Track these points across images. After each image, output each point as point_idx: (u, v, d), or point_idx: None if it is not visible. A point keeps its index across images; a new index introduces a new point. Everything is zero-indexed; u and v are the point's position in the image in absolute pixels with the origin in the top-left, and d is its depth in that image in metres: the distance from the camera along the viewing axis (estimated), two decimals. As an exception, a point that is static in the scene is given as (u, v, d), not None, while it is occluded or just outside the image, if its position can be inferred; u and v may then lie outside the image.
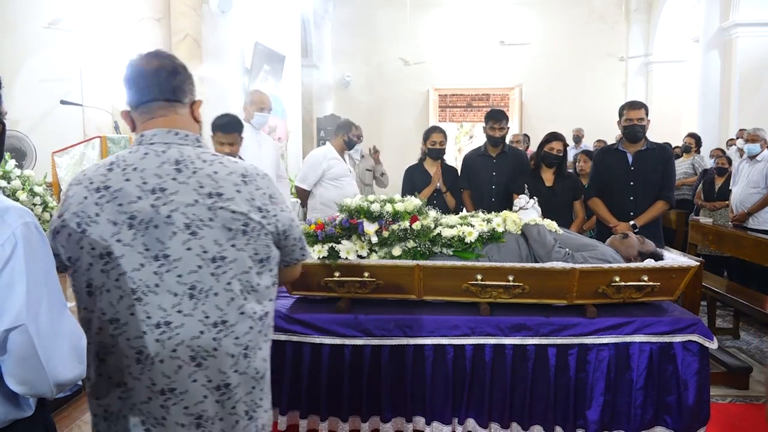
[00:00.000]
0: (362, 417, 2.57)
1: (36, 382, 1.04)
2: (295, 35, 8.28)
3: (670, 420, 2.54)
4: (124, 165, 1.30)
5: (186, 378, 1.28)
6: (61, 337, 1.07)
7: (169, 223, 1.26)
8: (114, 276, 1.26)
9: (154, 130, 1.35)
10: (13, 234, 1.03)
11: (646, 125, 3.73)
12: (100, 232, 1.26)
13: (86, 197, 1.28)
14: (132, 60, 1.40)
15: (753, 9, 7.98)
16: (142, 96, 1.35)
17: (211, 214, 1.29)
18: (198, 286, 1.28)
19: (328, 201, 4.52)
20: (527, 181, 3.85)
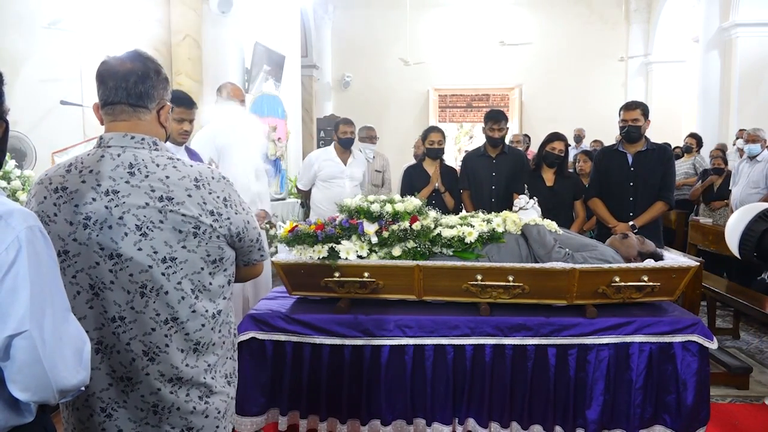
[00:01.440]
0: (362, 420, 2.57)
1: (39, 388, 1.03)
2: (295, 35, 8.27)
3: (669, 419, 2.54)
4: (81, 167, 1.35)
5: (140, 370, 1.35)
6: (65, 343, 1.07)
7: (122, 224, 1.32)
8: (71, 273, 1.32)
9: (111, 133, 1.38)
10: (17, 238, 1.02)
11: (644, 126, 3.73)
12: (57, 231, 1.31)
13: (46, 197, 1.33)
14: (108, 57, 1.43)
15: (753, 9, 7.97)
16: (108, 96, 1.39)
17: (162, 216, 1.34)
18: (148, 285, 1.33)
19: (319, 201, 4.61)
20: (528, 181, 3.85)
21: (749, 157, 5.45)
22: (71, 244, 1.32)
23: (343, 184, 4.58)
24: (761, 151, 5.35)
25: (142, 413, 1.37)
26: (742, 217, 1.55)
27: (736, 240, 1.55)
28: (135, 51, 1.46)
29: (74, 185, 1.33)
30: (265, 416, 2.63)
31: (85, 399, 1.37)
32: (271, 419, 2.65)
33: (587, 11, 12.03)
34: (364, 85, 12.22)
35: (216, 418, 1.47)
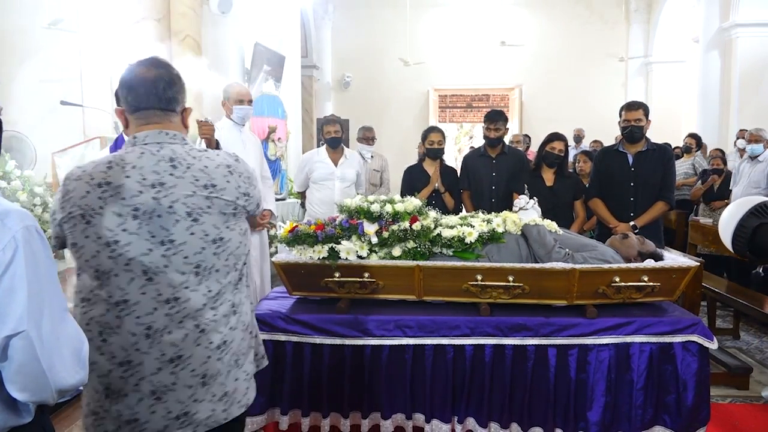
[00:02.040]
0: (363, 414, 2.58)
1: (37, 388, 1.03)
2: (295, 35, 8.27)
3: (669, 420, 2.54)
4: (123, 163, 1.43)
5: (192, 344, 1.44)
6: (63, 343, 1.07)
7: (172, 212, 1.42)
8: (123, 261, 1.39)
9: (146, 131, 1.49)
10: (13, 238, 1.02)
11: (646, 126, 3.73)
12: (105, 223, 1.38)
13: (89, 192, 1.40)
14: (132, 65, 1.52)
15: (753, 9, 7.97)
16: (140, 103, 1.49)
17: (209, 202, 1.48)
18: (203, 265, 1.46)
19: (312, 202, 4.59)
20: (528, 181, 3.85)
21: (750, 157, 5.45)
22: (121, 235, 1.39)
23: (333, 186, 4.50)
24: (763, 151, 5.35)
25: (190, 390, 1.45)
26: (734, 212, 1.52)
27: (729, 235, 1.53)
28: (155, 58, 1.56)
29: (118, 180, 1.41)
30: (265, 416, 2.63)
31: (134, 384, 1.40)
32: (271, 419, 2.65)
33: (587, 11, 12.04)
34: (364, 85, 12.23)
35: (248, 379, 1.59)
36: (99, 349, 1.40)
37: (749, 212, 1.49)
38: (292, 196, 6.54)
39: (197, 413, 1.45)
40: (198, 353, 1.45)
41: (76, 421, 2.90)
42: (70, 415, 2.95)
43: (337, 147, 4.59)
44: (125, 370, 1.40)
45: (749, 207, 1.50)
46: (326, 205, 4.44)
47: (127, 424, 1.41)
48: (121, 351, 1.40)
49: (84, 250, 1.40)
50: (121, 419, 1.41)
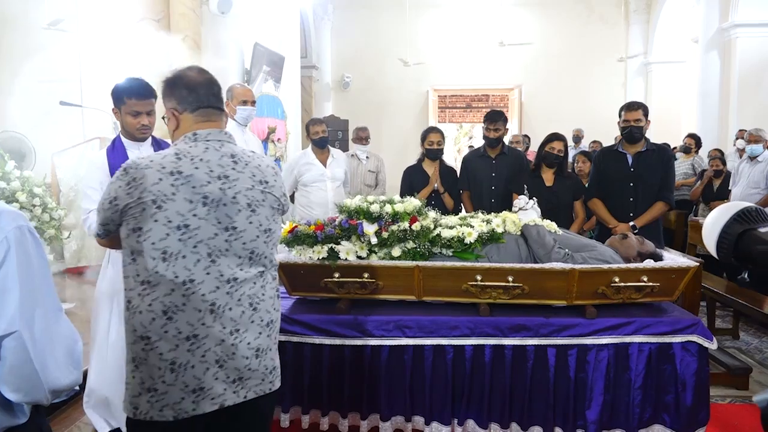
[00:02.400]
0: (362, 414, 2.59)
1: (31, 389, 1.04)
2: (295, 36, 8.28)
3: (668, 419, 2.55)
4: (190, 156, 1.58)
5: (247, 320, 1.61)
6: (56, 343, 1.07)
7: (235, 202, 1.60)
8: (192, 243, 1.53)
9: (208, 129, 1.65)
10: (5, 238, 1.02)
11: (645, 126, 3.73)
12: (177, 208, 1.52)
13: (161, 179, 1.52)
14: (182, 70, 1.70)
15: (752, 9, 7.98)
16: (201, 102, 1.66)
17: (263, 196, 1.68)
18: (256, 251, 1.64)
19: (302, 205, 4.52)
20: (527, 181, 3.85)
21: (750, 157, 5.45)
22: (191, 219, 1.53)
23: (325, 187, 4.46)
24: (762, 151, 5.36)
25: (246, 360, 1.61)
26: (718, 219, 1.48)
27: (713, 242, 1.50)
28: (196, 65, 1.75)
29: (189, 170, 1.55)
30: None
31: (202, 355, 1.53)
32: (271, 418, 2.65)
33: (587, 11, 12.04)
34: (364, 86, 12.23)
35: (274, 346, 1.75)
36: (163, 327, 1.50)
37: (732, 218, 1.46)
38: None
39: (250, 380, 1.63)
40: (252, 328, 1.63)
41: (76, 421, 2.90)
42: (70, 415, 2.95)
43: (325, 147, 4.55)
44: (192, 343, 1.53)
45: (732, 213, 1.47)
46: (322, 206, 4.42)
47: (193, 393, 1.54)
48: (187, 326, 1.52)
49: (151, 233, 1.50)
50: (187, 389, 1.53)
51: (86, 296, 3.95)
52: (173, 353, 1.52)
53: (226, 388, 1.58)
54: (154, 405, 1.52)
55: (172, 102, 1.67)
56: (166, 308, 1.51)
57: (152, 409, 1.52)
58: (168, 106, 1.68)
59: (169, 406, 1.52)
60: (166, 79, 1.69)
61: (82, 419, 2.89)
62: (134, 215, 1.51)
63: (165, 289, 1.51)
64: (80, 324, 3.42)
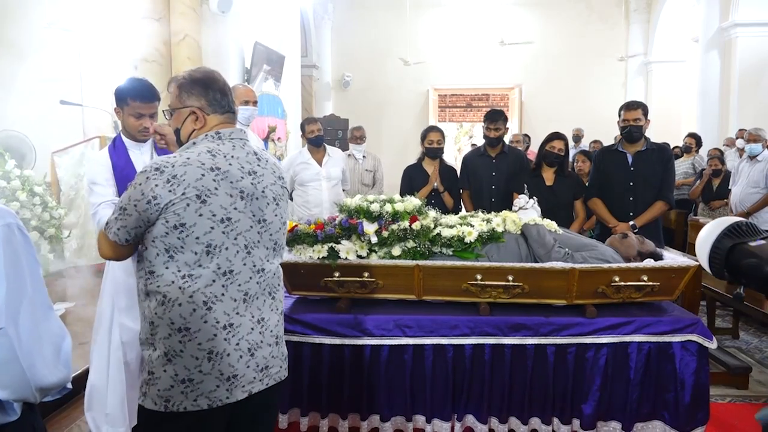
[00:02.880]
0: (362, 415, 2.59)
1: (17, 386, 1.03)
2: (295, 35, 8.27)
3: (668, 416, 2.55)
4: (223, 153, 1.64)
5: (268, 308, 1.71)
6: (44, 341, 1.06)
7: (264, 196, 1.69)
8: (233, 236, 1.60)
9: (230, 129, 1.71)
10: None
11: (645, 126, 3.73)
12: (220, 202, 1.58)
13: (203, 174, 1.57)
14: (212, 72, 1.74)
15: (753, 9, 7.98)
16: (228, 106, 1.73)
17: (283, 191, 1.78)
18: (278, 242, 1.75)
19: (299, 205, 4.52)
20: (528, 180, 3.85)
21: (749, 156, 5.45)
22: (233, 213, 1.60)
23: (320, 186, 4.45)
24: (762, 150, 5.36)
25: (270, 348, 1.70)
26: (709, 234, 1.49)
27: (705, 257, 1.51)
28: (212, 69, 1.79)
29: (225, 166, 1.61)
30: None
31: (236, 343, 1.59)
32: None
33: (587, 11, 12.04)
34: (364, 85, 12.23)
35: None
36: (203, 318, 1.55)
37: (723, 233, 1.47)
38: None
39: (272, 367, 1.71)
40: (272, 317, 1.72)
41: (76, 420, 2.90)
42: (69, 415, 2.95)
43: (320, 146, 4.54)
44: (228, 332, 1.58)
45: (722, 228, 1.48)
46: (317, 206, 4.41)
47: (227, 381, 1.59)
48: (224, 316, 1.58)
49: (195, 228, 1.55)
50: (222, 377, 1.58)
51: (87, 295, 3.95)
52: (211, 342, 1.57)
53: (255, 375, 1.65)
54: (189, 395, 1.56)
55: (201, 101, 1.68)
56: (207, 299, 1.56)
57: (186, 399, 1.56)
58: (192, 104, 1.69)
59: (204, 395, 1.57)
60: (195, 78, 1.70)
61: (82, 418, 2.88)
62: (176, 212, 1.53)
63: (206, 280, 1.56)
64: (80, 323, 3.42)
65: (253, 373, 1.65)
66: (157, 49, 4.62)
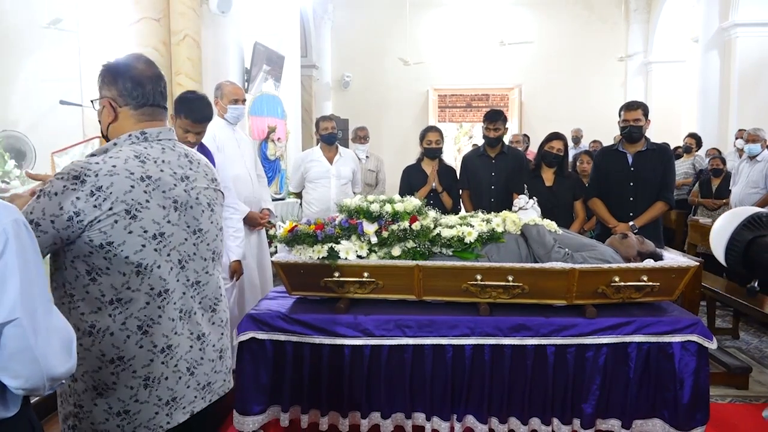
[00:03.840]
0: (362, 413, 2.59)
1: (30, 375, 1.05)
2: (295, 35, 8.27)
3: (667, 416, 2.55)
4: (152, 158, 1.48)
5: (208, 322, 1.61)
6: (52, 332, 1.09)
7: (198, 203, 1.56)
8: (166, 252, 1.46)
9: (158, 128, 1.54)
10: (3, 230, 1.03)
11: (645, 126, 3.73)
12: (152, 216, 1.43)
13: (133, 186, 1.40)
14: (128, 59, 1.55)
15: (752, 9, 7.97)
16: (148, 99, 1.52)
17: (216, 195, 1.66)
18: (216, 250, 1.65)
19: (308, 202, 4.59)
20: (527, 181, 3.85)
21: (749, 156, 5.45)
22: (166, 226, 1.46)
23: (329, 184, 4.49)
24: (761, 151, 5.35)
25: (212, 363, 1.61)
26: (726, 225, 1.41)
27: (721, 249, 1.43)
28: (144, 55, 1.61)
29: (156, 174, 1.46)
30: (266, 414, 2.63)
31: (175, 365, 1.49)
32: (272, 416, 2.65)
33: (587, 11, 12.03)
34: (364, 85, 12.22)
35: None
36: (137, 344, 1.43)
37: (742, 225, 1.38)
38: (292, 196, 6.54)
39: (215, 383, 1.63)
40: (213, 331, 1.62)
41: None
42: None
43: (333, 144, 4.57)
44: (166, 354, 1.47)
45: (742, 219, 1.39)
46: (323, 203, 4.44)
47: (166, 405, 1.49)
48: (162, 338, 1.46)
49: (124, 247, 1.38)
50: (161, 402, 1.48)
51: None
52: (147, 369, 1.45)
53: (197, 395, 1.56)
54: (126, 428, 1.44)
55: (111, 92, 1.50)
56: (141, 323, 1.43)
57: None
58: (105, 95, 1.52)
59: (143, 425, 1.46)
60: (109, 66, 1.53)
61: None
62: (102, 229, 1.36)
63: (140, 303, 1.42)
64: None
65: (193, 392, 1.55)
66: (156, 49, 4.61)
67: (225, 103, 3.58)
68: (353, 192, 4.61)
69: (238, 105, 3.58)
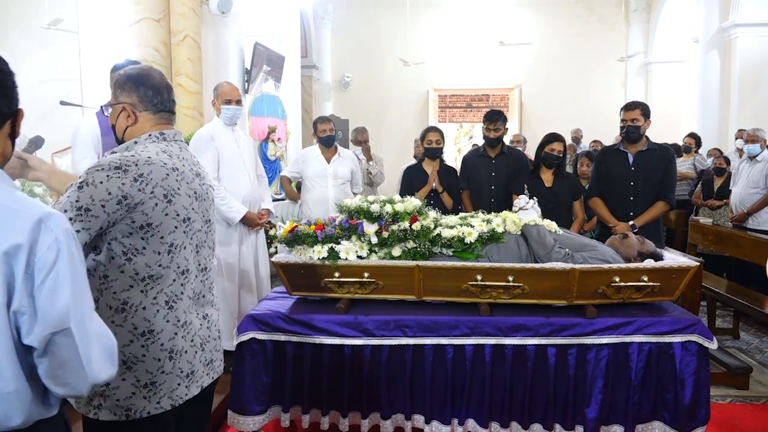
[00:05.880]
0: (362, 413, 2.59)
1: (76, 383, 1.08)
2: (295, 35, 8.27)
3: (668, 416, 2.55)
4: (175, 155, 1.66)
5: (210, 305, 1.77)
6: (95, 339, 1.11)
7: (208, 198, 1.76)
8: (190, 236, 1.64)
9: (173, 130, 1.72)
10: (56, 239, 1.06)
11: (644, 126, 3.73)
12: (182, 202, 1.61)
13: (168, 174, 1.58)
14: (147, 69, 1.73)
15: (752, 9, 7.97)
16: (165, 105, 1.70)
17: (211, 193, 1.82)
18: (215, 241, 1.83)
19: (307, 202, 4.58)
20: (527, 181, 3.85)
21: (749, 157, 5.45)
22: (191, 213, 1.65)
23: (326, 183, 4.48)
24: (761, 151, 5.35)
25: (216, 342, 1.77)
26: None
27: None
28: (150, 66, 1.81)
29: (180, 167, 1.64)
30: (267, 414, 2.63)
31: (191, 339, 1.63)
32: (272, 416, 2.65)
33: (587, 11, 12.04)
34: (364, 86, 12.22)
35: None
36: (165, 317, 1.57)
37: None
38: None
39: (215, 361, 1.76)
40: (213, 313, 1.78)
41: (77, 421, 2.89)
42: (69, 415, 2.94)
43: (331, 145, 4.56)
44: (185, 329, 1.62)
45: None
46: (321, 203, 4.43)
47: (187, 378, 1.62)
48: (183, 314, 1.62)
49: (161, 228, 1.55)
50: (182, 375, 1.60)
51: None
52: (172, 342, 1.58)
53: (204, 370, 1.70)
54: (152, 399, 1.54)
55: (132, 98, 1.65)
56: (168, 298, 1.58)
57: (149, 403, 1.54)
58: (124, 101, 1.66)
59: (167, 396, 1.57)
60: (129, 74, 1.67)
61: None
62: (144, 211, 1.51)
63: (168, 280, 1.58)
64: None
65: (202, 367, 1.69)
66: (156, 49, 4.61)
67: (219, 104, 3.61)
68: (353, 192, 4.60)
69: (230, 105, 3.58)
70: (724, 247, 5.01)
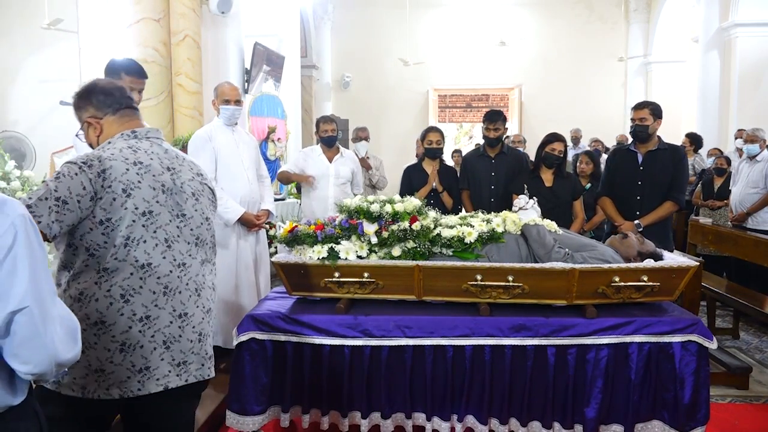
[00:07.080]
0: (362, 413, 2.59)
1: (39, 361, 1.12)
2: (295, 35, 8.28)
3: (668, 416, 2.55)
4: (143, 149, 1.70)
5: (193, 305, 1.73)
6: (58, 320, 1.16)
7: (182, 191, 1.74)
8: (153, 229, 1.64)
9: (146, 127, 1.76)
10: (12, 224, 1.10)
11: (653, 126, 3.72)
12: (143, 194, 1.63)
13: (128, 169, 1.62)
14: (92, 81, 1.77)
15: (752, 9, 7.97)
16: (120, 103, 1.74)
17: (202, 187, 1.82)
18: (200, 237, 1.79)
19: (307, 203, 4.58)
20: (527, 181, 3.85)
21: (749, 157, 5.44)
22: (155, 206, 1.65)
23: (328, 183, 4.48)
24: (760, 151, 5.35)
25: (191, 344, 1.72)
26: None
27: None
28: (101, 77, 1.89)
29: (147, 161, 1.67)
30: (267, 414, 2.63)
31: (151, 335, 1.63)
32: (272, 416, 2.65)
33: (587, 11, 12.04)
34: (364, 86, 12.23)
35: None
36: (119, 311, 1.59)
37: None
38: (292, 196, 6.54)
39: (191, 363, 1.73)
40: (197, 313, 1.74)
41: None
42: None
43: (333, 145, 4.56)
44: (144, 324, 1.62)
45: None
46: (322, 202, 4.43)
47: (139, 372, 1.62)
48: (142, 308, 1.62)
49: (119, 222, 1.58)
50: (134, 369, 1.62)
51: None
52: (125, 335, 1.60)
53: (171, 370, 1.68)
54: (101, 384, 1.60)
55: (89, 111, 1.73)
56: (124, 292, 1.60)
57: (99, 388, 1.60)
58: (86, 117, 1.73)
59: (116, 385, 1.61)
60: (78, 93, 1.74)
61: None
62: (103, 206, 1.57)
63: (124, 274, 1.60)
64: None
65: (168, 366, 1.67)
66: (156, 49, 4.61)
67: (218, 104, 3.61)
68: (353, 193, 4.60)
69: (229, 105, 3.57)
70: (724, 247, 5.01)
